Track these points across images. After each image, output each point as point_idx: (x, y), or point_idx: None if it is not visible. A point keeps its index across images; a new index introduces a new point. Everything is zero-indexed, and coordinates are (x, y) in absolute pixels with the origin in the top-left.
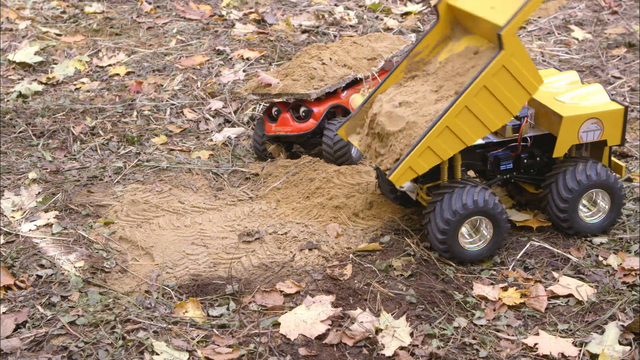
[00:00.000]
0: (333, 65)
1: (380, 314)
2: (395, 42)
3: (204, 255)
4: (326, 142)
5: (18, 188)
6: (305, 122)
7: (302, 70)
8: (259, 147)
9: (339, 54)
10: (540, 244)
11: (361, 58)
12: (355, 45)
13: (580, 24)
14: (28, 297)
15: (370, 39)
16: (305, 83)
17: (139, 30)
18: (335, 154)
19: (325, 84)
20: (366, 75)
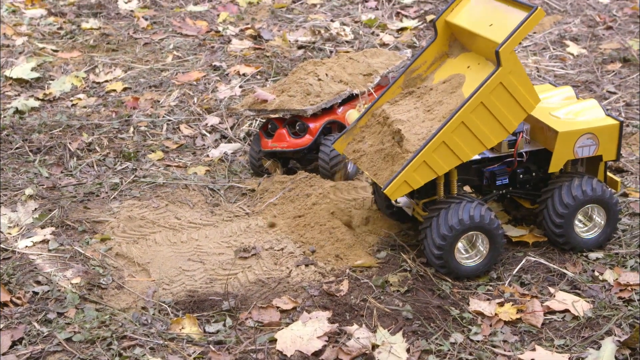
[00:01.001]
0: (329, 81)
1: (376, 329)
2: (391, 57)
3: (200, 272)
4: (322, 158)
5: (14, 204)
6: (302, 138)
7: (298, 86)
8: (256, 163)
9: (335, 69)
10: (536, 259)
11: (357, 74)
12: (351, 61)
13: (575, 39)
14: (24, 314)
15: (367, 55)
16: (302, 99)
17: (135, 46)
18: (332, 169)
19: (322, 99)
20: (362, 91)
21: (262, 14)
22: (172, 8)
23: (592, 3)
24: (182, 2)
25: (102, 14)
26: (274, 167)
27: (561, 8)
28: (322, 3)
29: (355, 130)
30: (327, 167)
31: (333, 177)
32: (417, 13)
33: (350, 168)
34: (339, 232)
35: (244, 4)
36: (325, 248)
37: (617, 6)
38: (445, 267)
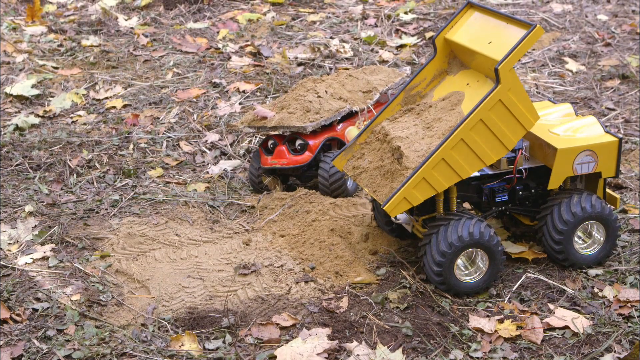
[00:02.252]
0: (329, 98)
1: (376, 346)
2: (390, 74)
3: (200, 288)
4: (322, 175)
5: (14, 221)
6: (301, 155)
7: (297, 103)
8: (255, 180)
9: (334, 87)
10: (536, 275)
11: (356, 91)
12: (350, 78)
13: (574, 56)
14: (24, 331)
15: (366, 72)
16: (301, 116)
17: (135, 63)
18: (331, 186)
19: (321, 116)
20: (362, 108)
21: (262, 31)
22: (172, 25)
23: (591, 20)
24: (182, 19)
25: (102, 31)
26: (273, 183)
27: (560, 25)
28: (321, 20)
29: (355, 147)
30: (327, 184)
31: (332, 194)
32: (416, 30)
33: (350, 185)
34: (339, 248)
35: (243, 21)
36: (325, 265)
37: (616, 23)
38: (444, 283)
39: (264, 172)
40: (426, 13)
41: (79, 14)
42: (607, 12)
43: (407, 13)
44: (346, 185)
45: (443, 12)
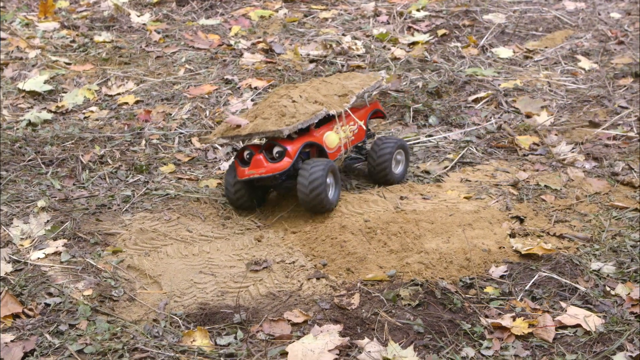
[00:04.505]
0: (304, 102)
1: (387, 343)
2: (365, 79)
3: (211, 284)
4: (301, 184)
5: (27, 216)
6: (280, 162)
7: (271, 109)
8: (232, 196)
9: (308, 91)
10: (548, 274)
11: (332, 95)
12: (325, 83)
13: (587, 54)
14: (36, 326)
15: (340, 78)
16: (277, 120)
17: (147, 60)
18: (310, 194)
19: (297, 120)
20: (339, 112)
21: (274, 28)
22: (185, 22)
23: (604, 18)
24: (195, 15)
25: (114, 27)
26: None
27: (573, 23)
28: (333, 17)
29: None
30: (306, 192)
31: (311, 204)
32: (428, 27)
33: (331, 195)
34: (350, 245)
35: (256, 17)
36: (336, 261)
37: (629, 21)
38: None
39: (242, 185)
40: (438, 10)
41: (91, 10)
42: (620, 10)
43: (419, 10)
44: (327, 195)
45: (455, 10)
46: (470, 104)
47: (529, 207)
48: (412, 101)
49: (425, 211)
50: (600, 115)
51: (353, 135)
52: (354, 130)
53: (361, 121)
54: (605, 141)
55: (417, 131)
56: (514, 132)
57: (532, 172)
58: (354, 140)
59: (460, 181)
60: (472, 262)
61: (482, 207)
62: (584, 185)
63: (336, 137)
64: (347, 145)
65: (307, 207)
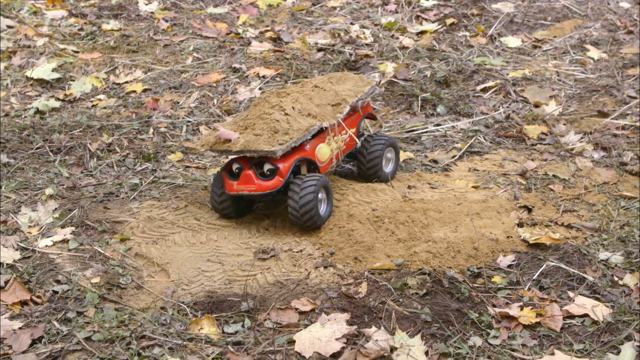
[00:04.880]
0: (297, 115)
1: (395, 332)
2: (358, 83)
3: (219, 272)
4: (292, 201)
5: (35, 204)
6: (271, 180)
7: (263, 123)
8: (218, 206)
9: (301, 101)
10: (556, 263)
11: (325, 104)
12: (317, 90)
13: (595, 44)
14: (44, 313)
15: (332, 81)
16: (269, 138)
17: (155, 48)
18: (301, 211)
19: (291, 137)
20: (331, 124)
21: (282, 17)
22: (193, 10)
23: (613, 7)
24: (203, 4)
25: (122, 15)
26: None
27: (582, 12)
28: (342, 6)
29: None
30: (297, 210)
31: (303, 220)
32: (437, 16)
33: (322, 211)
34: (358, 234)
35: (264, 6)
36: (344, 250)
37: (638, 10)
38: None
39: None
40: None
41: None
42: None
43: None
44: (318, 212)
45: None
46: (479, 94)
47: (537, 197)
48: (420, 90)
49: (433, 200)
50: (609, 105)
51: (345, 144)
52: (346, 140)
53: (353, 129)
54: (613, 131)
55: (425, 120)
56: (522, 121)
57: (541, 161)
58: (346, 149)
59: (468, 170)
60: (480, 252)
61: (490, 196)
62: (592, 175)
63: (328, 149)
64: (338, 155)
65: (297, 224)
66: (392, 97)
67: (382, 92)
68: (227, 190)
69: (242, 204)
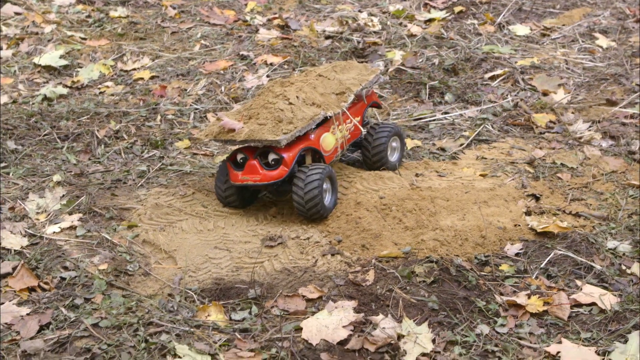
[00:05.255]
0: (301, 104)
1: (402, 320)
2: (362, 71)
3: (226, 259)
4: (297, 192)
5: (42, 190)
6: (276, 170)
7: (267, 112)
8: (222, 195)
9: (305, 90)
10: (564, 252)
11: (329, 93)
12: (321, 78)
13: (604, 32)
14: (52, 299)
15: (337, 70)
16: (273, 127)
17: (163, 35)
18: (307, 204)
19: (295, 127)
20: (336, 112)
21: (290, 4)
22: None
23: None
24: None
25: (130, 2)
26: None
27: (590, 0)
28: None
29: None
30: (302, 201)
31: (308, 212)
32: (445, 4)
33: (327, 202)
34: (365, 222)
35: None
36: (351, 238)
37: None
38: None
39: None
40: None
41: None
42: None
43: None
44: (323, 202)
45: None
46: (487, 82)
47: (545, 185)
48: (428, 78)
49: (441, 188)
50: (618, 94)
51: (349, 133)
52: (350, 129)
53: (358, 118)
54: (622, 119)
55: (432, 108)
56: (530, 110)
57: (549, 150)
58: (350, 138)
59: (476, 159)
60: (488, 240)
61: (497, 184)
62: (600, 163)
63: (333, 138)
64: (343, 145)
65: (302, 214)
66: (400, 85)
67: (387, 80)
68: (231, 180)
69: (246, 194)
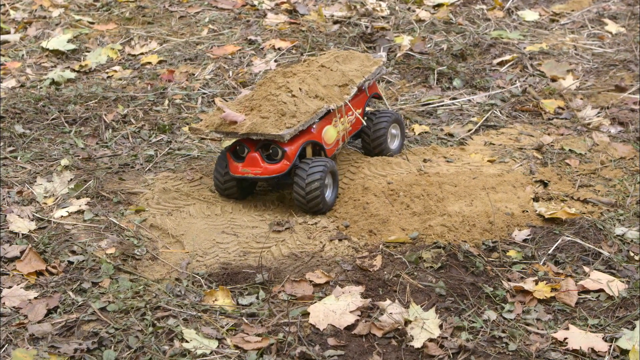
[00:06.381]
0: (304, 97)
1: (409, 305)
2: (364, 62)
3: (234, 244)
4: (298, 186)
5: (50, 174)
6: (278, 164)
7: (270, 105)
8: (222, 186)
9: (308, 82)
10: (571, 238)
11: (332, 85)
12: (324, 69)
13: (614, 18)
14: (59, 283)
15: (339, 60)
16: (276, 121)
17: (171, 19)
18: (308, 197)
19: (298, 120)
20: (339, 105)
21: None
22: None
23: None
24: None
25: None
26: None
27: None
28: None
29: None
30: (303, 195)
31: (309, 206)
32: None
33: (328, 196)
34: (373, 207)
35: None
36: (358, 223)
37: None
38: None
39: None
40: None
41: None
42: None
43: None
44: (324, 197)
45: None
46: (495, 67)
47: (553, 171)
48: (436, 63)
49: (449, 174)
50: (627, 80)
51: (351, 125)
52: (352, 121)
53: (359, 110)
54: (631, 106)
55: (441, 94)
56: (539, 95)
57: (557, 136)
58: (352, 130)
59: (484, 144)
60: (495, 226)
61: (505, 170)
62: (608, 149)
63: (334, 131)
64: (344, 137)
65: (303, 208)
66: (408, 70)
67: (390, 71)
68: (231, 172)
69: (245, 184)
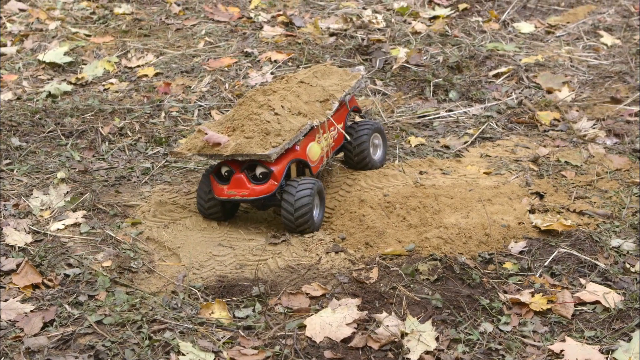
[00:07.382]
0: (287, 114)
1: (406, 318)
2: (343, 77)
3: (230, 257)
4: (286, 207)
5: (47, 187)
6: (264, 184)
7: (253, 124)
8: (205, 206)
9: (290, 99)
10: (568, 250)
11: (314, 101)
12: (304, 85)
13: (609, 30)
14: (56, 296)
15: (317, 75)
16: (261, 140)
17: (167, 32)
18: (296, 219)
19: (284, 139)
20: (322, 121)
21: (294, 1)
22: None
23: None
24: None
25: None
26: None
27: None
28: None
29: None
30: (292, 217)
31: (297, 225)
32: (449, 1)
33: (316, 216)
34: (369, 219)
35: None
36: (355, 235)
37: None
38: None
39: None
40: None
41: None
42: None
43: None
44: (312, 217)
45: None
46: (491, 79)
47: (549, 183)
48: (432, 76)
49: (445, 186)
50: (622, 92)
51: (333, 141)
52: (334, 136)
53: (341, 124)
54: (626, 117)
55: (437, 106)
56: (534, 107)
57: (553, 148)
58: (334, 145)
59: (480, 156)
60: (491, 238)
61: (501, 182)
62: (604, 161)
63: (318, 147)
64: (328, 153)
65: (291, 229)
66: (404, 82)
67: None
68: (216, 194)
69: (228, 206)
